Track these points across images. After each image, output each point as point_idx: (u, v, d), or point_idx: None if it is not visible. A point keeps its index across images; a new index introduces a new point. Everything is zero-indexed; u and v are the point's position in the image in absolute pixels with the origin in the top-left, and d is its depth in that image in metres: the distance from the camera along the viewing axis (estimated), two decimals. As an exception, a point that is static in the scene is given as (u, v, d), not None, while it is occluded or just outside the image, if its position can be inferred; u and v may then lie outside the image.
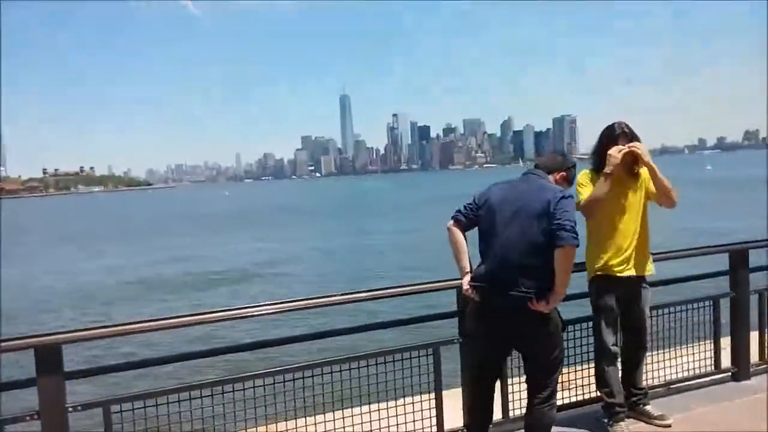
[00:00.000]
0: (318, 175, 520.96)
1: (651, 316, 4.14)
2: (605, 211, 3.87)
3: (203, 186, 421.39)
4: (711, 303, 4.60)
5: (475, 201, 3.44)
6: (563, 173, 3.58)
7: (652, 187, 3.92)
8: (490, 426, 3.56)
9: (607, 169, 3.77)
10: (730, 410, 4.21)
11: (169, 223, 53.46)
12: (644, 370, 4.17)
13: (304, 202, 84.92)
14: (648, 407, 4.06)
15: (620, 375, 4.04)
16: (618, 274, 3.86)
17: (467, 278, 3.38)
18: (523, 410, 3.57)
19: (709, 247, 4.73)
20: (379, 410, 3.64)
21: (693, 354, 4.60)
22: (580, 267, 3.86)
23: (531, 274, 3.17)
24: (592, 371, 4.10)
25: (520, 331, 3.27)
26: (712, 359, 4.66)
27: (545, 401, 3.33)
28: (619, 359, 4.02)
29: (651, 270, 3.97)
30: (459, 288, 3.82)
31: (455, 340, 3.86)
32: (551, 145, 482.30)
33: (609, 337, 3.92)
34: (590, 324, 4.08)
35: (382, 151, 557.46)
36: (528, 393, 3.43)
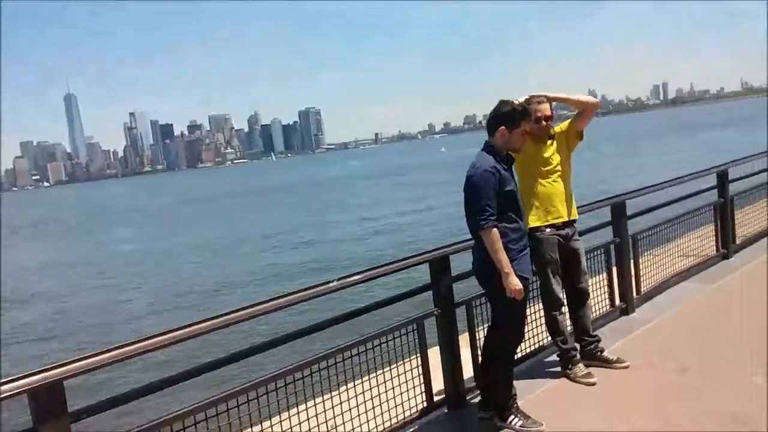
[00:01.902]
0: (46, 184, 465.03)
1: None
2: (532, 170, 4.18)
3: None
4: (603, 250, 5.26)
5: None
6: (502, 127, 3.56)
7: (568, 130, 4.28)
8: None
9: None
10: (636, 340, 4.89)
11: None
12: (590, 315, 4.57)
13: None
14: (605, 353, 4.42)
15: (568, 324, 4.43)
16: (553, 222, 4.18)
17: None
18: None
19: (593, 202, 5.34)
20: (371, 388, 3.57)
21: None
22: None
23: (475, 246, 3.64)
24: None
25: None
26: (607, 298, 5.34)
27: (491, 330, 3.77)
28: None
29: (576, 214, 4.35)
30: (431, 261, 3.90)
31: (434, 312, 3.91)
32: (300, 137, 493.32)
33: (556, 287, 4.26)
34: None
35: (120, 153, 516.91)
36: None
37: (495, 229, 3.44)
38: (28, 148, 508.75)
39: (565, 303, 4.39)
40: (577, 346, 4.40)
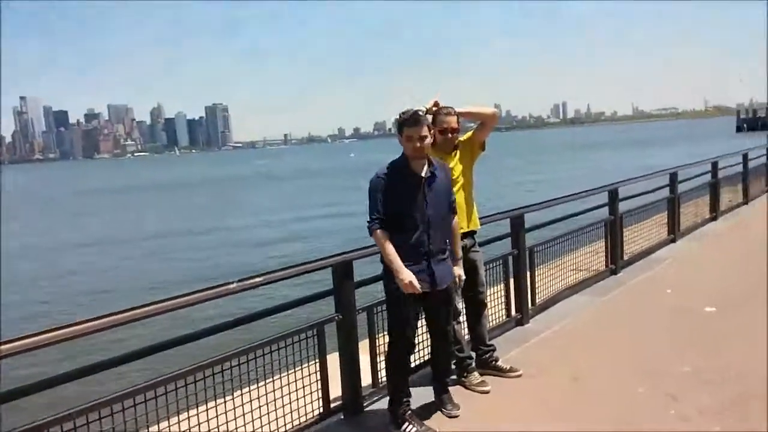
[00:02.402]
0: None
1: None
2: None
3: None
4: (502, 261, 5.42)
5: None
6: (399, 135, 3.60)
7: (472, 141, 4.33)
8: None
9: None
10: (530, 350, 5.06)
11: None
12: (486, 325, 4.68)
13: None
14: (499, 362, 4.55)
15: (466, 333, 4.51)
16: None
17: None
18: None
19: (494, 214, 5.48)
20: (267, 393, 3.51)
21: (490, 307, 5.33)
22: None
23: None
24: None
25: None
26: (504, 309, 5.51)
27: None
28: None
29: (477, 224, 4.44)
30: (334, 265, 3.88)
31: (335, 317, 3.88)
32: (206, 132, 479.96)
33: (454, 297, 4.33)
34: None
35: (9, 139, 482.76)
36: None
37: (379, 231, 3.54)
38: None
39: (463, 313, 4.48)
40: (473, 354, 4.50)
